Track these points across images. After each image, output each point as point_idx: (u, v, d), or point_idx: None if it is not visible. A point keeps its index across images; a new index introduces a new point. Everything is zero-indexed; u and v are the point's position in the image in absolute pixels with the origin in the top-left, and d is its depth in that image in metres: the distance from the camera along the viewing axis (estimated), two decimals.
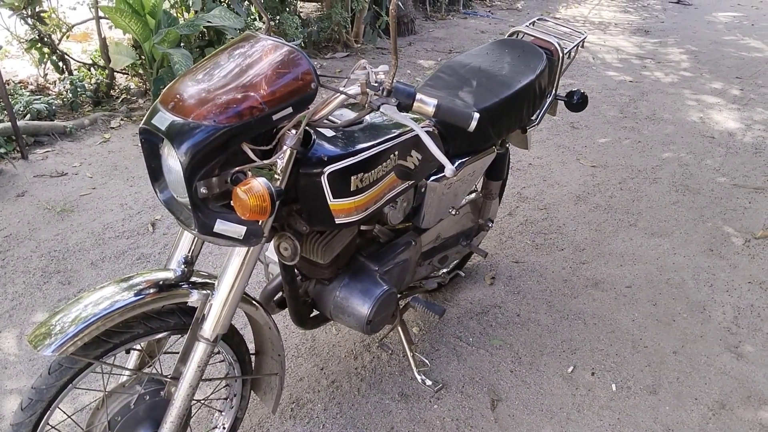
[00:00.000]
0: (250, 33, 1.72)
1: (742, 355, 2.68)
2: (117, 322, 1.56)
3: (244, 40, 1.70)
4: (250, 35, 1.71)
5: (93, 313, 1.53)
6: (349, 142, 1.86)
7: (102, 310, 1.54)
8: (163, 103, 1.54)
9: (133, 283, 1.64)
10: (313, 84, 1.56)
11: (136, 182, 3.83)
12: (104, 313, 1.53)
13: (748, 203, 3.93)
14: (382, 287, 2.08)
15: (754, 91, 6.00)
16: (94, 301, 1.57)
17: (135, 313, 1.59)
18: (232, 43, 1.70)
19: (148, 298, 1.60)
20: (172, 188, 1.61)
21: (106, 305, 1.55)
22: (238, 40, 1.71)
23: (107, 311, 1.54)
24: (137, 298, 1.59)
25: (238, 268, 1.70)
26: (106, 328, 1.54)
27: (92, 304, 1.56)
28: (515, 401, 2.41)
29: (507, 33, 2.92)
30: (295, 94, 1.54)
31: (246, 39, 1.70)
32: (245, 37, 1.71)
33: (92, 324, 1.51)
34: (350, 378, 2.48)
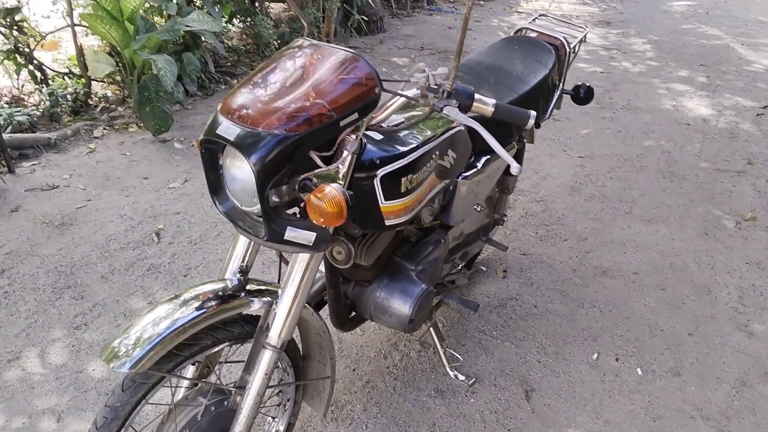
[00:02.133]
0: (304, 39, 1.72)
1: (753, 334, 2.79)
2: (188, 335, 1.55)
3: (298, 46, 1.70)
4: (304, 41, 1.72)
5: (165, 328, 1.52)
6: (397, 144, 1.87)
7: (173, 324, 1.53)
8: (226, 113, 1.53)
9: (195, 296, 1.63)
10: (376, 89, 1.57)
11: (131, 192, 3.77)
12: (176, 327, 1.52)
13: (733, 187, 4.07)
14: (421, 286, 2.10)
15: (719, 78, 6.20)
16: (162, 316, 1.56)
17: (204, 325, 1.58)
18: (286, 51, 1.70)
19: (212, 309, 1.59)
20: (236, 197, 1.61)
21: (176, 319, 1.54)
22: (291, 47, 1.71)
23: (178, 325, 1.53)
24: (203, 310, 1.58)
25: (302, 274, 1.70)
26: (179, 341, 1.53)
27: (161, 320, 1.55)
28: (548, 391, 2.46)
29: (513, 30, 2.97)
30: (360, 100, 1.55)
31: (301, 45, 1.70)
32: (300, 44, 1.71)
33: (166, 338, 1.50)
34: (384, 377, 2.50)
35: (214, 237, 3.35)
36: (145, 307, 2.83)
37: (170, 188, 3.83)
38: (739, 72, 6.38)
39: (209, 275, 3.05)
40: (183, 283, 2.99)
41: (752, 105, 5.47)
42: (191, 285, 1.69)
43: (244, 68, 5.96)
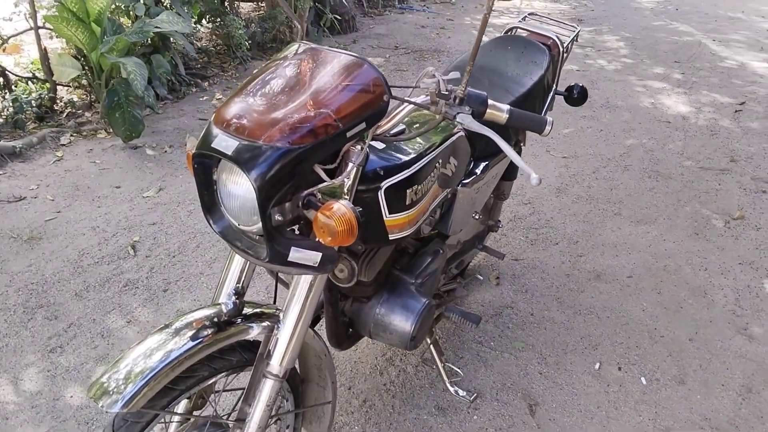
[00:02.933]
0: (301, 43, 1.60)
1: (753, 337, 2.73)
2: (184, 368, 1.42)
3: (296, 51, 1.57)
4: (301, 45, 1.59)
5: (158, 361, 1.38)
6: (400, 153, 1.76)
7: (166, 356, 1.40)
8: (221, 124, 1.40)
9: (189, 325, 1.49)
10: (385, 96, 1.45)
11: (102, 202, 3.59)
12: (170, 359, 1.39)
13: (718, 185, 4.04)
14: (422, 301, 1.99)
15: (694, 74, 6.20)
16: (154, 347, 1.42)
17: (200, 357, 1.45)
18: (284, 56, 1.58)
19: (208, 339, 1.46)
20: (233, 216, 1.48)
21: (170, 351, 1.41)
22: (288, 52, 1.59)
23: (173, 358, 1.40)
24: (199, 340, 1.45)
25: (304, 297, 1.58)
26: (174, 375, 1.40)
27: (153, 352, 1.41)
28: (552, 404, 2.37)
29: (503, 30, 2.88)
30: (368, 108, 1.43)
31: (299, 50, 1.57)
32: (297, 49, 1.58)
33: (160, 373, 1.37)
34: (381, 395, 2.38)
35: (193, 249, 3.20)
36: (123, 326, 2.67)
37: (144, 197, 3.66)
38: (713, 68, 6.39)
39: (190, 290, 2.90)
40: (163, 299, 2.84)
41: (729, 101, 5.47)
42: (183, 312, 1.57)
43: (215, 69, 5.80)
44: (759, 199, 3.86)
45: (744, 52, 7.01)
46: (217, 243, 3.24)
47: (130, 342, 2.59)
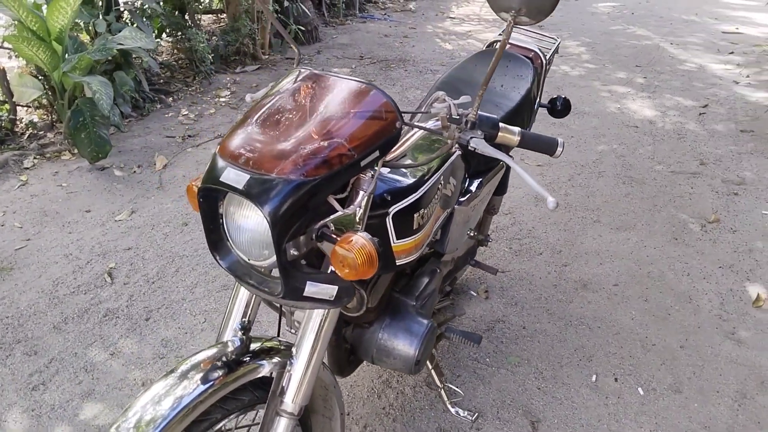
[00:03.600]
0: (303, 69, 1.54)
1: (741, 341, 2.76)
2: (197, 414, 1.36)
3: (299, 77, 1.52)
4: (303, 71, 1.54)
5: (170, 409, 1.32)
6: (405, 177, 1.72)
7: (177, 403, 1.33)
8: (228, 157, 1.34)
9: (196, 367, 1.43)
10: (397, 123, 1.41)
11: (73, 228, 3.47)
12: (182, 406, 1.32)
13: (691, 188, 4.10)
14: (424, 324, 1.95)
15: (656, 78, 6.30)
16: (162, 394, 1.36)
17: (213, 401, 1.39)
18: (286, 82, 1.52)
19: (219, 381, 1.40)
20: (242, 250, 1.42)
21: (180, 397, 1.34)
22: (291, 78, 1.53)
23: (184, 404, 1.33)
24: (209, 383, 1.38)
25: (317, 331, 1.53)
26: (188, 422, 1.33)
27: (162, 398, 1.34)
28: (553, 420, 2.35)
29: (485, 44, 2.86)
30: (381, 135, 1.39)
31: (301, 76, 1.52)
32: (300, 75, 1.53)
33: (173, 421, 1.30)
34: (381, 420, 2.33)
35: (172, 274, 3.10)
36: (107, 359, 2.57)
37: (116, 221, 3.54)
38: (674, 72, 6.51)
39: (173, 318, 2.81)
40: (146, 328, 2.74)
41: (693, 104, 5.57)
42: (188, 354, 1.50)
43: (179, 85, 5.68)
44: (732, 202, 3.92)
45: (701, 54, 7.16)
46: (197, 267, 3.15)
47: (115, 375, 2.49)
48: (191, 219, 3.56)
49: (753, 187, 4.11)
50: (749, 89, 6.02)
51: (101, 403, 2.37)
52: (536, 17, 1.30)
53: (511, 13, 1.30)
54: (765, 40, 7.72)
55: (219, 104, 5.35)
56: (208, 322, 2.79)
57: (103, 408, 2.35)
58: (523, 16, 1.29)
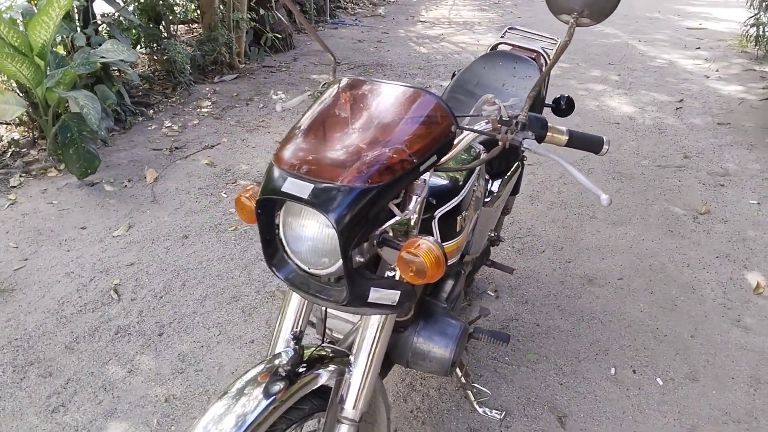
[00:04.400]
0: (348, 77, 1.55)
1: (748, 328, 2.84)
2: (266, 428, 1.35)
3: (347, 86, 1.52)
4: (349, 79, 1.55)
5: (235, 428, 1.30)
6: (446, 180, 1.74)
7: (242, 423, 1.31)
8: (287, 167, 1.33)
9: (254, 383, 1.41)
10: (452, 127, 1.42)
11: (71, 245, 3.40)
12: (248, 425, 1.31)
13: (678, 182, 4.19)
14: (458, 325, 1.97)
15: (630, 75, 6.44)
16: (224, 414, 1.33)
17: (278, 414, 1.38)
18: (333, 91, 1.52)
19: (281, 395, 1.38)
20: (302, 260, 1.42)
21: (243, 415, 1.32)
22: (336, 87, 1.53)
23: (250, 423, 1.31)
24: (272, 398, 1.37)
25: (375, 336, 1.53)
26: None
27: (225, 419, 1.33)
28: (579, 414, 2.39)
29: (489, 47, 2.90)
30: (438, 140, 1.40)
31: (349, 84, 1.52)
32: (347, 83, 1.53)
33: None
34: (411, 423, 2.34)
35: (179, 287, 3.07)
36: (125, 376, 2.53)
37: (114, 237, 3.49)
38: (646, 68, 6.65)
39: (186, 332, 2.78)
40: (160, 343, 2.71)
41: (668, 99, 5.71)
42: (242, 371, 1.47)
43: (159, 97, 5.61)
44: (719, 193, 4.03)
45: (670, 50, 7.34)
46: (203, 280, 3.12)
47: (135, 393, 2.45)
48: (191, 232, 3.53)
49: (737, 178, 4.23)
50: (720, 83, 6.19)
51: (125, 421, 2.34)
52: (598, 18, 1.32)
53: (573, 15, 1.32)
54: (728, 35, 7.93)
55: (202, 115, 5.30)
56: (224, 334, 2.77)
57: (129, 426, 2.31)
58: (584, 17, 1.32)
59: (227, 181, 4.15)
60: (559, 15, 1.37)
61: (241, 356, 2.64)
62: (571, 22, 1.33)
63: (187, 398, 2.44)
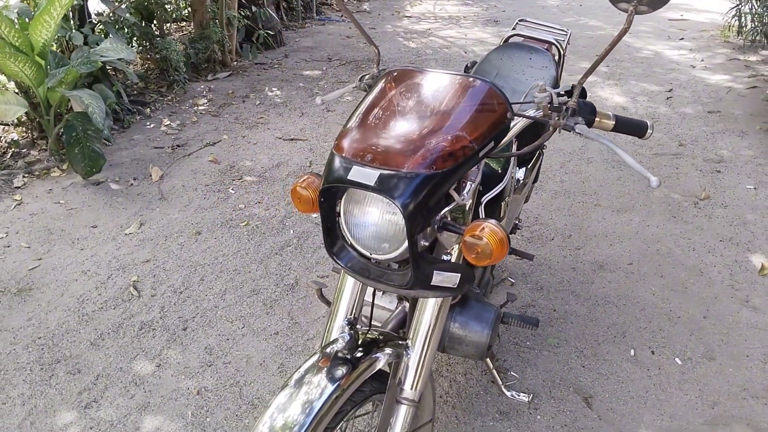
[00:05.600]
0: (402, 68, 1.60)
1: (757, 308, 2.93)
2: (334, 412, 1.39)
3: (402, 75, 1.57)
4: (402, 70, 1.59)
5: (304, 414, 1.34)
6: (491, 165, 1.79)
7: (311, 410, 1.35)
8: (351, 156, 1.38)
9: (315, 369, 1.45)
10: (508, 114, 1.48)
11: (84, 244, 3.41)
12: (317, 410, 1.35)
13: (676, 169, 4.29)
14: (492, 310, 2.02)
15: (618, 66, 6.53)
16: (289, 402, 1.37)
17: (345, 398, 1.42)
18: (386, 81, 1.57)
19: (345, 381, 1.42)
20: (364, 246, 1.46)
21: (311, 403, 1.36)
22: (388, 78, 1.58)
23: (319, 408, 1.35)
24: (336, 383, 1.41)
25: (433, 319, 1.58)
26: (328, 421, 1.37)
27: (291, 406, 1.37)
28: (604, 394, 2.46)
29: (503, 39, 2.95)
30: (495, 127, 1.45)
31: (404, 74, 1.57)
32: (401, 73, 1.58)
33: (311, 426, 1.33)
34: (442, 408, 2.39)
35: (198, 282, 3.09)
36: (155, 371, 2.56)
37: (127, 235, 3.50)
38: (633, 59, 6.76)
39: (210, 325, 2.80)
40: (185, 338, 2.73)
41: (658, 89, 5.81)
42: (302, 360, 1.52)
43: (154, 95, 5.60)
44: (717, 179, 4.13)
45: (654, 41, 7.46)
46: (221, 275, 3.15)
47: (167, 386, 2.48)
48: (203, 228, 3.54)
49: (732, 164, 4.33)
50: (706, 72, 6.31)
51: (160, 415, 2.36)
52: (656, 6, 1.38)
53: (632, 3, 1.37)
54: (710, 26, 8.08)
55: (199, 112, 5.30)
56: (247, 327, 2.80)
57: (164, 419, 2.34)
58: (643, 5, 1.37)
59: (233, 177, 4.17)
60: (617, 4, 1.43)
61: (267, 348, 2.68)
62: (630, 9, 1.38)
63: (219, 390, 2.47)
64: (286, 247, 3.37)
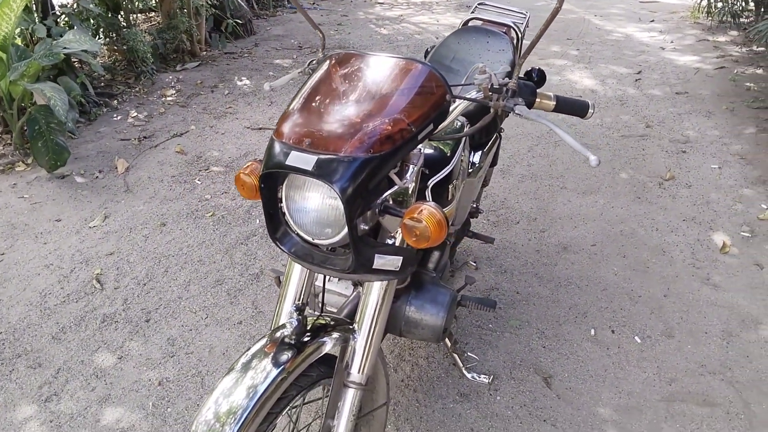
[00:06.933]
0: (344, 51, 1.59)
1: (717, 285, 2.97)
2: (277, 397, 1.40)
3: (343, 59, 1.57)
4: (344, 53, 1.59)
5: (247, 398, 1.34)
6: (436, 150, 1.79)
7: (254, 394, 1.35)
8: (289, 141, 1.38)
9: (261, 355, 1.45)
10: (447, 95, 1.48)
11: (47, 238, 3.38)
12: (260, 395, 1.35)
13: (642, 150, 4.32)
14: (447, 293, 2.02)
15: (588, 50, 6.56)
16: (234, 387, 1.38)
17: (288, 383, 1.43)
18: (328, 65, 1.56)
19: (289, 365, 1.43)
20: (306, 231, 1.46)
21: (255, 387, 1.37)
22: (331, 61, 1.58)
23: (262, 392, 1.36)
24: (281, 367, 1.41)
25: (377, 302, 1.59)
26: (269, 406, 1.37)
27: (236, 391, 1.37)
28: (563, 374, 2.49)
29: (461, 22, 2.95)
30: (435, 109, 1.46)
31: (345, 58, 1.57)
32: (343, 57, 1.58)
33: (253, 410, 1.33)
34: (403, 392, 2.41)
35: (162, 274, 3.07)
36: (116, 363, 2.55)
37: (91, 228, 3.47)
38: (603, 42, 6.79)
39: (173, 316, 2.80)
40: (148, 329, 2.72)
41: (627, 71, 5.84)
42: (255, 340, 1.51)
43: (122, 87, 5.54)
44: (682, 159, 4.17)
45: (625, 24, 7.49)
46: (185, 265, 3.13)
47: (128, 378, 2.47)
48: (168, 219, 3.52)
49: (698, 144, 4.37)
50: (675, 54, 6.35)
51: (121, 406, 2.36)
52: None
53: None
54: (680, 7, 8.12)
55: (167, 103, 5.26)
56: (211, 317, 2.79)
57: (124, 411, 2.33)
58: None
59: (200, 168, 4.14)
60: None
61: (230, 338, 2.68)
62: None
63: (181, 380, 2.47)
64: (252, 236, 3.37)
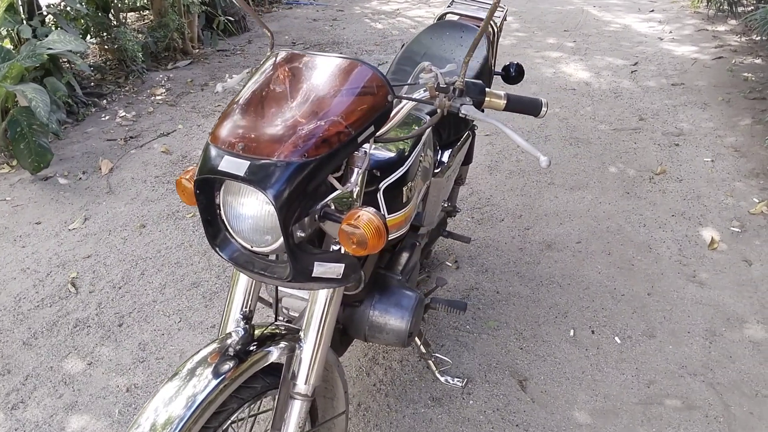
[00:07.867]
0: (284, 51, 1.54)
1: (703, 283, 2.90)
2: (215, 408, 1.35)
3: (283, 60, 1.51)
4: (284, 53, 1.53)
5: (185, 408, 1.30)
6: (389, 152, 1.73)
7: (192, 403, 1.31)
8: (223, 145, 1.32)
9: (204, 363, 1.41)
10: (389, 96, 1.42)
11: (26, 241, 3.34)
12: (197, 404, 1.31)
13: (634, 143, 4.24)
14: (412, 296, 1.97)
15: (584, 41, 6.46)
16: (174, 396, 1.34)
17: (227, 393, 1.38)
18: (269, 66, 1.51)
19: (230, 374, 1.38)
20: (244, 238, 1.41)
21: (194, 396, 1.32)
22: (272, 61, 1.52)
23: (199, 402, 1.31)
24: (221, 376, 1.36)
25: (323, 310, 1.53)
26: (205, 419, 1.33)
27: (175, 400, 1.33)
28: (539, 377, 2.42)
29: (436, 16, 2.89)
30: (375, 111, 1.40)
31: (285, 58, 1.51)
32: (283, 57, 1.52)
33: (189, 420, 1.29)
34: (374, 396, 2.36)
35: (138, 277, 3.03)
36: (85, 369, 2.51)
37: (70, 230, 3.44)
38: (601, 34, 6.69)
39: (147, 321, 2.76)
40: (120, 334, 2.68)
41: (623, 63, 5.75)
42: (193, 352, 1.47)
43: (111, 86, 5.50)
44: (674, 153, 4.08)
45: (624, 15, 7.38)
46: (162, 268, 3.09)
47: (96, 384, 2.43)
48: (148, 221, 3.48)
49: (691, 137, 4.29)
50: (674, 44, 6.25)
51: (87, 414, 2.32)
52: None
53: None
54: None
55: (156, 102, 5.22)
56: (184, 321, 2.75)
57: (90, 418, 2.30)
58: None
59: (184, 167, 4.09)
60: None
61: (202, 342, 2.63)
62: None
63: (149, 386, 2.43)
64: None
